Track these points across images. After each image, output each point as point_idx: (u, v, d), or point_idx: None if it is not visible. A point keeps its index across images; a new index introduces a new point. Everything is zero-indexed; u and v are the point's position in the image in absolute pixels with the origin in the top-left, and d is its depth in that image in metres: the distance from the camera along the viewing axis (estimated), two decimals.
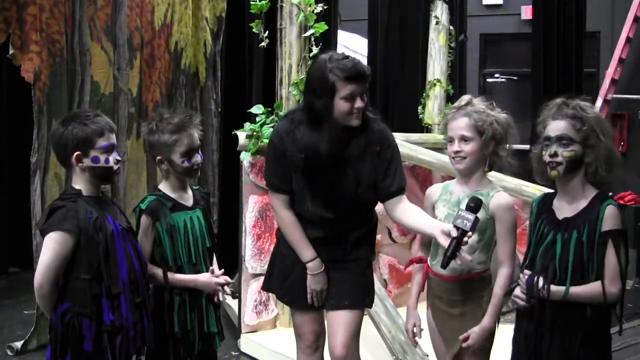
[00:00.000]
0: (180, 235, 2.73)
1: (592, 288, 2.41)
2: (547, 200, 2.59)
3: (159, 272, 2.70)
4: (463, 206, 2.56)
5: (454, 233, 2.42)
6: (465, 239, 2.41)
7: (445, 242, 2.44)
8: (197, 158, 2.79)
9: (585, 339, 2.42)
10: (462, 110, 2.68)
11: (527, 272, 2.53)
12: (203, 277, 2.75)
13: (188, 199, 2.83)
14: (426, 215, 2.71)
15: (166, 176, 2.80)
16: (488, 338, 2.71)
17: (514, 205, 2.72)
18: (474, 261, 2.65)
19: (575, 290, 2.42)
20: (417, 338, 2.84)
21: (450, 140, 2.70)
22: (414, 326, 2.82)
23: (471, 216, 2.41)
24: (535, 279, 2.47)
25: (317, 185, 2.74)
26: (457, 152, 2.67)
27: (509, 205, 2.67)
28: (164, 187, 2.81)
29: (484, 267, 2.69)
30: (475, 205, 2.46)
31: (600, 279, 2.40)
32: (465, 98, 2.74)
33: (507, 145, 2.70)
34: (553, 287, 2.43)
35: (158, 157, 2.75)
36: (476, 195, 2.61)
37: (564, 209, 2.50)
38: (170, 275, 2.70)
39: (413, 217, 2.71)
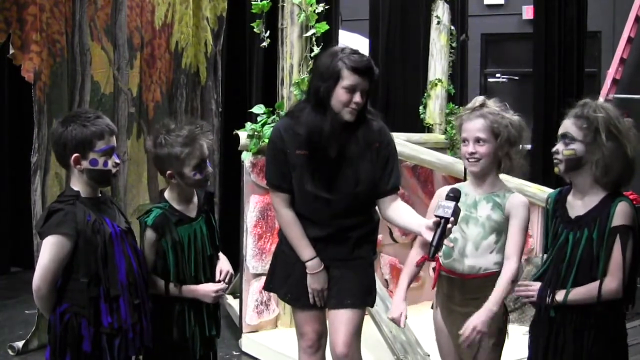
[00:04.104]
0: (184, 251, 2.69)
1: (590, 287, 2.41)
2: (562, 195, 2.59)
3: (160, 282, 2.67)
4: (481, 207, 2.65)
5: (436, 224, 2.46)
6: (449, 225, 2.44)
7: (430, 236, 2.47)
8: (208, 168, 2.73)
9: (597, 336, 2.42)
10: (477, 112, 2.66)
11: (530, 284, 2.54)
12: (202, 288, 2.70)
13: (193, 209, 2.76)
14: (415, 214, 2.73)
15: (175, 188, 2.72)
16: (499, 338, 2.71)
17: (529, 205, 2.72)
18: (490, 261, 2.66)
19: (574, 293, 2.42)
20: (401, 322, 2.73)
21: (465, 141, 2.69)
22: (401, 315, 2.72)
23: (451, 204, 2.45)
24: (545, 289, 2.48)
25: (316, 181, 2.74)
26: (471, 153, 2.65)
27: (525, 203, 2.68)
28: (169, 196, 2.74)
29: (498, 268, 2.67)
30: (454, 195, 2.49)
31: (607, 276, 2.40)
32: (479, 99, 2.72)
33: (520, 147, 2.69)
34: (558, 295, 2.44)
35: (168, 172, 2.67)
36: (491, 196, 2.66)
37: (577, 207, 2.50)
38: (171, 286, 2.67)
39: (403, 216, 2.74)
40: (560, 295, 2.44)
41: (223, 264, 2.83)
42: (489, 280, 2.65)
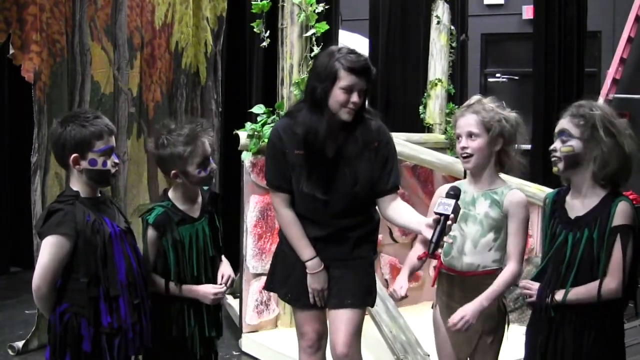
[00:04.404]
0: (185, 250, 2.69)
1: (590, 287, 2.41)
2: (560, 196, 2.59)
3: (160, 281, 2.67)
4: (479, 205, 2.66)
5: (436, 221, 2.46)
6: (449, 222, 2.44)
7: (429, 234, 2.47)
8: (212, 165, 2.73)
9: (597, 336, 2.42)
10: (470, 108, 2.69)
11: (532, 284, 2.53)
12: (202, 289, 2.70)
13: (197, 209, 2.76)
14: (415, 212, 2.73)
15: (179, 187, 2.72)
16: (497, 337, 2.72)
17: (527, 203, 2.72)
18: (489, 259, 2.67)
19: (574, 292, 2.42)
20: (400, 292, 2.69)
21: (459, 137, 2.71)
22: (401, 288, 2.69)
23: (451, 201, 2.46)
24: (545, 289, 2.48)
25: (313, 182, 2.73)
26: (463, 148, 2.67)
27: (523, 202, 2.68)
28: (173, 196, 2.73)
29: (498, 265, 2.69)
30: (454, 193, 2.50)
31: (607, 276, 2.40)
32: (475, 97, 2.76)
33: (516, 146, 2.70)
34: (557, 295, 2.45)
35: (173, 172, 2.66)
36: (489, 193, 2.67)
37: (576, 207, 2.50)
38: (171, 285, 2.67)
39: (403, 215, 2.74)
40: (559, 295, 2.45)
41: (225, 268, 2.83)
42: (487, 277, 2.66)
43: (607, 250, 2.39)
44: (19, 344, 4.32)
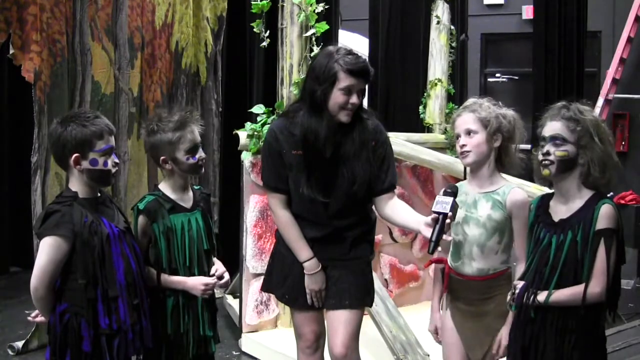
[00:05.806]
0: (177, 238, 2.69)
1: (574, 290, 2.40)
2: (544, 202, 2.59)
3: (152, 273, 2.67)
4: (480, 207, 2.66)
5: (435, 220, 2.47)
6: (448, 221, 2.44)
7: (428, 233, 2.47)
8: (201, 153, 2.75)
9: (578, 340, 2.41)
10: (467, 108, 2.72)
11: (518, 283, 2.53)
12: (192, 280, 2.70)
13: (188, 200, 2.78)
14: (412, 211, 2.74)
15: (169, 176, 2.75)
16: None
17: (529, 201, 2.72)
18: (497, 261, 2.68)
19: (556, 295, 2.42)
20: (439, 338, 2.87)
21: (458, 137, 2.72)
22: (436, 329, 2.84)
23: (449, 199, 2.47)
24: (527, 289, 2.48)
25: (312, 182, 2.73)
26: (462, 145, 2.68)
27: (525, 201, 2.68)
28: (164, 187, 2.76)
29: (506, 266, 2.70)
30: (452, 191, 2.51)
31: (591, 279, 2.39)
32: (471, 99, 2.78)
33: (516, 145, 2.72)
34: (540, 296, 2.44)
35: (162, 157, 2.70)
36: (490, 194, 2.67)
37: (560, 211, 2.50)
38: (162, 277, 2.67)
39: (400, 214, 2.75)
40: (542, 296, 2.44)
41: (219, 265, 2.84)
42: (499, 279, 2.67)
43: (591, 254, 2.38)
44: (19, 344, 4.32)
